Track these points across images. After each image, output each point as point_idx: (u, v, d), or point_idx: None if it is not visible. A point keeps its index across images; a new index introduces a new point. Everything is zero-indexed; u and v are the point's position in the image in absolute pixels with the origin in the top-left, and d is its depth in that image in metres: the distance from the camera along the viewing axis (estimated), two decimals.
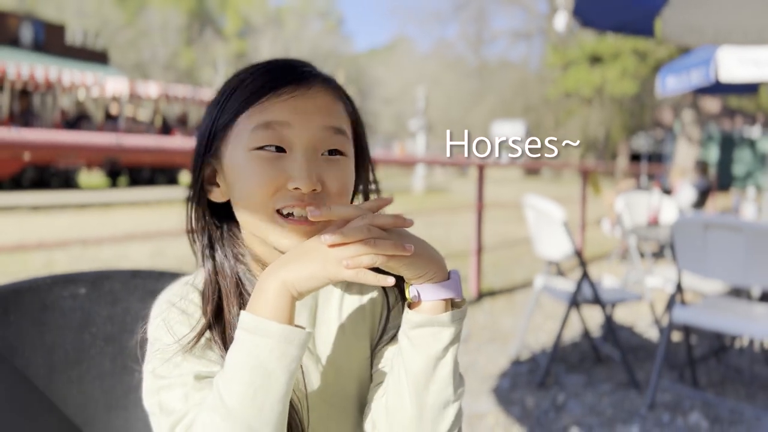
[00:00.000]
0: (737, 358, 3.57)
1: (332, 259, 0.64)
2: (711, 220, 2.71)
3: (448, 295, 0.69)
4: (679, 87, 5.57)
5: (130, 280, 1.10)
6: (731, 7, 3.84)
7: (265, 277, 0.68)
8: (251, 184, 0.73)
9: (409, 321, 0.69)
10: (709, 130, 24.85)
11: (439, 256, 0.70)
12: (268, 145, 0.73)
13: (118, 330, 1.06)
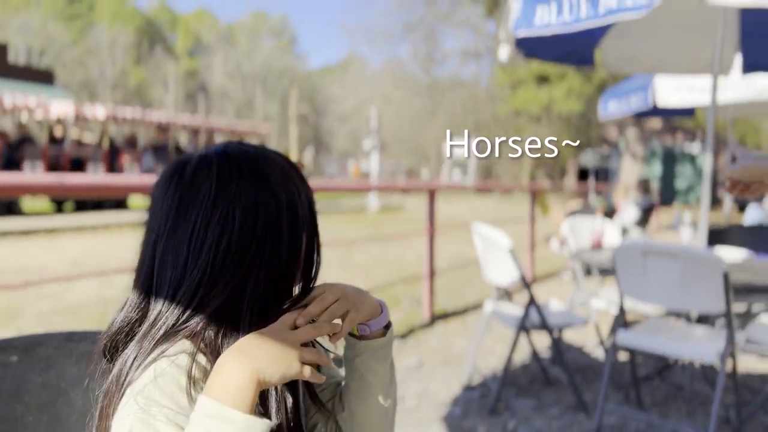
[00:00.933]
0: (679, 376, 3.69)
1: (297, 358, 0.72)
2: (649, 247, 2.82)
3: (384, 322, 0.91)
4: (620, 111, 5.78)
5: (65, 344, 1.09)
6: (664, 39, 4.02)
7: (232, 363, 0.68)
8: None
9: (370, 346, 0.90)
10: (652, 146, 25.75)
11: (373, 300, 0.89)
12: None
13: (53, 397, 1.04)
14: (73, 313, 4.92)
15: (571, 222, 3.90)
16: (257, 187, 0.80)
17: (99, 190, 2.27)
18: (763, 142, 43.34)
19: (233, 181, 0.79)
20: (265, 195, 0.80)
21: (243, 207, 0.78)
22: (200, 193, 0.79)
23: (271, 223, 0.80)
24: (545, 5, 2.85)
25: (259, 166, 0.82)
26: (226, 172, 0.80)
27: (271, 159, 0.84)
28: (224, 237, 0.77)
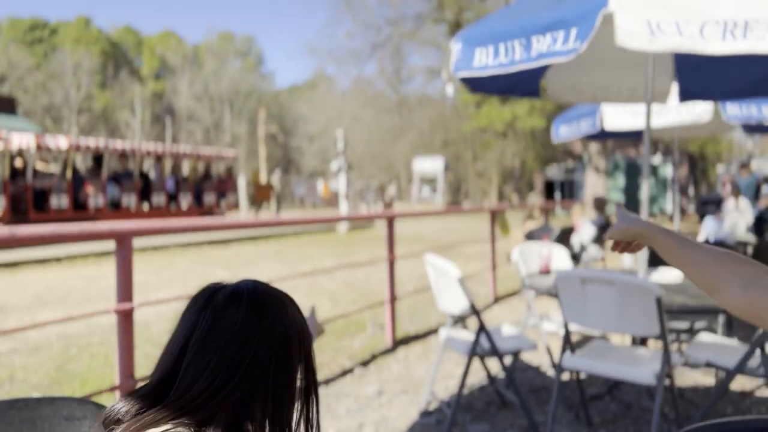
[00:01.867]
0: (628, 393, 3.84)
1: None
2: (587, 275, 2.97)
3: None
4: (570, 134, 6.00)
5: (6, 412, 1.16)
6: (606, 70, 4.22)
7: None
8: None
9: None
10: (615, 159, 26.36)
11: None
12: None
13: None
14: (33, 352, 4.90)
15: (521, 248, 4.05)
16: (276, 325, 0.97)
17: (52, 239, 2.33)
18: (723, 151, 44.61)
19: (258, 318, 0.96)
20: (280, 331, 0.96)
21: (262, 339, 0.95)
22: (230, 322, 0.94)
23: (281, 353, 0.96)
24: (483, 48, 3.01)
25: (278, 306, 0.99)
26: (252, 310, 0.96)
27: (288, 301, 1.02)
28: (245, 360, 0.93)
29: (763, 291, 0.94)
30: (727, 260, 1.03)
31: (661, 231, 1.18)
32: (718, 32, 2.48)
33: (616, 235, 1.28)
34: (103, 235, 2.62)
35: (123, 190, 14.49)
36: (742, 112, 5.14)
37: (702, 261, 1.05)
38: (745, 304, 0.95)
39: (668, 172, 26.58)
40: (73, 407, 1.22)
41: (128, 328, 2.76)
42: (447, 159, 30.98)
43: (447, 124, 34.13)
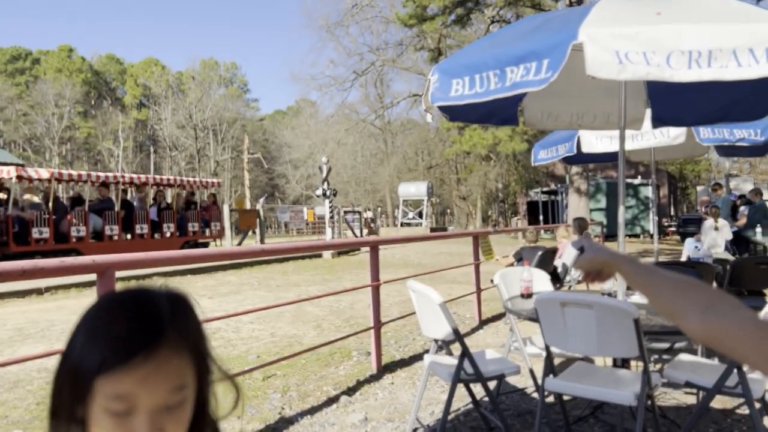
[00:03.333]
0: (612, 415, 3.87)
1: None
2: (566, 298, 3.02)
3: None
4: (549, 158, 6.11)
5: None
6: (580, 98, 4.33)
7: None
8: None
9: None
10: (596, 181, 26.67)
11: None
12: (118, 411, 0.81)
13: None
14: (13, 387, 4.84)
15: (502, 272, 4.10)
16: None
17: (33, 273, 2.32)
18: (702, 170, 45.29)
19: None
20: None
21: None
22: None
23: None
24: (459, 79, 3.09)
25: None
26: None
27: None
28: None
29: (720, 317, 0.98)
30: (688, 288, 1.07)
31: (626, 260, 1.23)
32: (684, 61, 2.58)
33: (585, 265, 1.33)
34: (84, 268, 2.63)
35: (106, 220, 14.40)
36: (714, 135, 5.28)
37: (664, 289, 1.10)
38: (703, 330, 1.00)
39: (649, 193, 26.92)
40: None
41: None
42: (431, 183, 31.19)
43: (430, 148, 34.45)
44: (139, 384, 0.81)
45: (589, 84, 4.11)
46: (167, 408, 0.83)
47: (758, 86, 3.41)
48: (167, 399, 0.83)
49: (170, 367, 0.84)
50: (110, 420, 0.81)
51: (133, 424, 0.81)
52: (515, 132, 21.16)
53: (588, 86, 4.10)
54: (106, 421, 0.81)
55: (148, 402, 0.82)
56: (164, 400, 0.83)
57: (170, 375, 0.83)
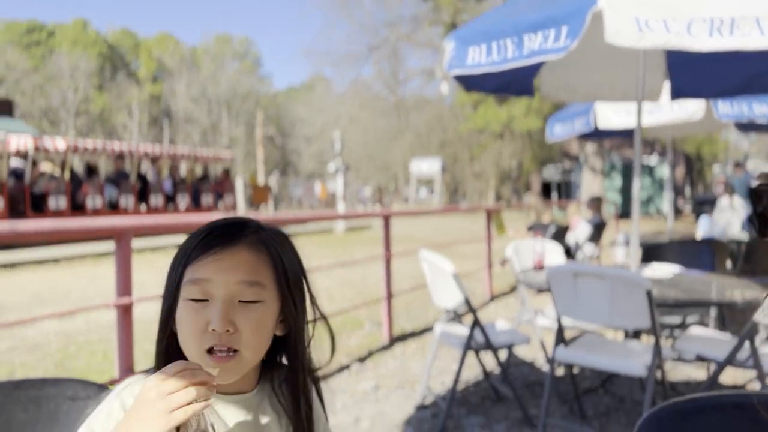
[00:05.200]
0: (621, 387, 3.90)
1: (164, 415, 0.78)
2: (579, 269, 3.02)
3: None
4: (565, 133, 6.06)
5: (13, 392, 1.21)
6: (598, 69, 4.27)
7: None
8: (185, 328, 0.92)
9: None
10: (611, 160, 26.44)
11: None
12: (196, 298, 0.91)
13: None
14: (32, 350, 4.94)
15: (515, 244, 4.10)
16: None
17: (52, 235, 2.36)
18: (719, 152, 44.73)
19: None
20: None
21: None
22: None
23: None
24: (476, 47, 3.06)
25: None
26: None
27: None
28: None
29: None
30: None
31: None
32: (705, 29, 2.53)
33: None
34: (103, 231, 2.67)
35: (120, 191, 14.52)
36: (733, 110, 5.20)
37: None
38: None
39: (665, 173, 26.66)
40: (78, 388, 1.26)
41: (128, 322, 2.81)
42: (444, 160, 31.06)
43: (444, 125, 34.19)
44: (214, 271, 0.91)
45: (607, 54, 4.06)
46: (240, 301, 0.92)
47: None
48: (239, 291, 0.92)
49: (244, 261, 0.93)
50: (190, 308, 0.92)
51: (208, 311, 0.90)
52: (530, 109, 20.95)
53: (606, 57, 4.04)
54: (187, 309, 0.92)
55: (221, 291, 0.91)
56: (236, 291, 0.92)
57: (244, 268, 0.93)
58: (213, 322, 0.89)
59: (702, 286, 3.36)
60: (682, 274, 3.73)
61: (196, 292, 0.91)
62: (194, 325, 0.91)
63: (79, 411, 1.27)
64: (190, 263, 0.93)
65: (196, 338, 0.91)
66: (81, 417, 1.26)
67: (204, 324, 0.90)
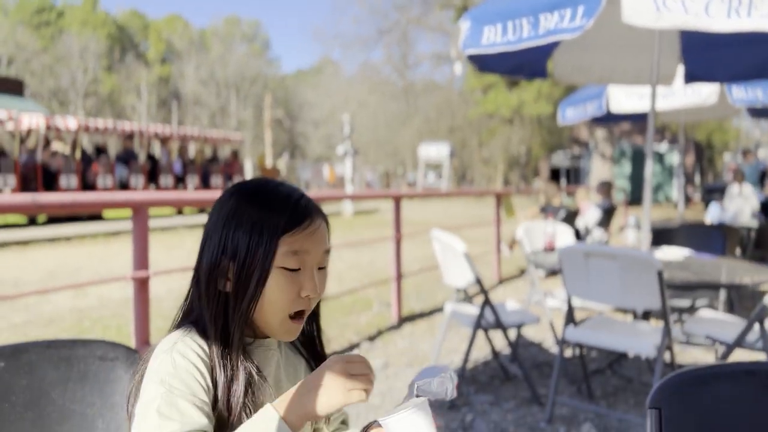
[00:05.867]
0: (629, 369, 3.93)
1: (344, 390, 0.87)
2: (590, 249, 3.04)
3: None
4: (577, 117, 6.04)
5: (46, 351, 1.25)
6: (612, 51, 4.26)
7: (302, 396, 0.88)
8: (278, 295, 0.99)
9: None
10: (621, 146, 26.30)
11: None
12: (293, 267, 0.99)
13: (37, 396, 1.21)
14: (47, 324, 5.02)
15: (526, 226, 4.12)
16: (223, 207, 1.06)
17: (72, 206, 2.41)
18: (730, 140, 44.37)
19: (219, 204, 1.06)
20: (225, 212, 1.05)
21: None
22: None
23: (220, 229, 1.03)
24: (491, 26, 3.06)
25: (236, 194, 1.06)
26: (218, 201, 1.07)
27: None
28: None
29: None
30: None
31: None
32: (723, 9, 2.52)
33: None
34: (120, 204, 2.71)
35: (131, 171, 14.59)
36: (747, 95, 5.17)
37: None
38: None
39: (674, 160, 26.52)
40: (107, 349, 1.30)
41: (144, 295, 2.86)
42: (453, 145, 30.97)
43: (453, 110, 34.04)
44: (309, 242, 1.00)
45: (621, 36, 4.05)
46: (320, 268, 1.03)
47: None
48: (322, 259, 1.03)
49: (325, 233, 1.04)
50: (286, 276, 0.99)
51: (302, 278, 1.00)
52: (540, 94, 20.85)
53: (620, 39, 4.03)
54: (282, 277, 0.98)
55: (312, 259, 1.00)
56: (321, 259, 1.03)
57: (325, 239, 1.04)
58: (309, 289, 0.99)
59: (712, 269, 3.38)
60: (693, 257, 3.75)
61: (294, 262, 0.98)
62: (289, 293, 0.99)
63: (108, 371, 1.31)
64: (283, 235, 0.98)
65: (287, 304, 0.99)
66: (110, 376, 1.30)
67: (297, 291, 0.99)
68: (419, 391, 0.91)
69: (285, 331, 1.02)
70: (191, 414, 0.90)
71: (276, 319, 1.00)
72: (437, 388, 0.92)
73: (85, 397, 1.25)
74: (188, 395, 0.91)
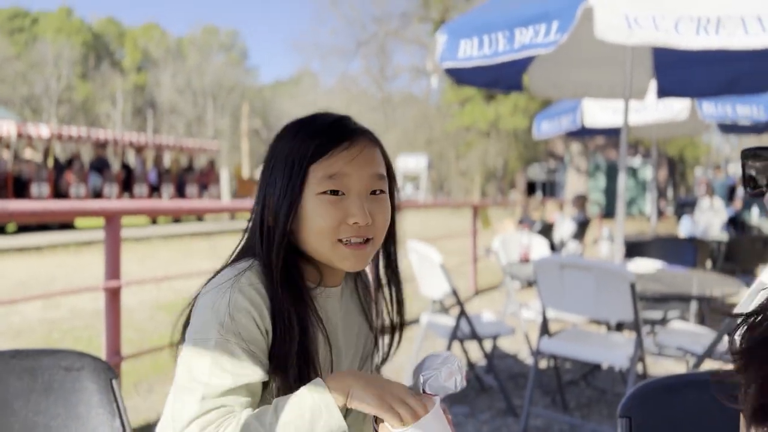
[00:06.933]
0: (602, 380, 3.96)
1: (385, 403, 0.85)
2: (565, 261, 3.07)
3: None
4: (552, 131, 6.13)
5: (10, 361, 1.22)
6: (586, 66, 4.33)
7: (360, 390, 0.87)
8: (320, 220, 0.95)
9: None
10: (596, 160, 26.67)
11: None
12: (333, 191, 0.95)
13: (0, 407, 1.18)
14: (16, 336, 4.90)
15: (501, 237, 4.15)
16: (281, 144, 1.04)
17: (43, 215, 2.36)
18: (702, 155, 45.27)
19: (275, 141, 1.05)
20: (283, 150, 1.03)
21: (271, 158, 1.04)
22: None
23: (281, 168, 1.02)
24: (468, 40, 3.09)
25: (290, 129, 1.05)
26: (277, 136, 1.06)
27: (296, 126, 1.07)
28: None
29: None
30: None
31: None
32: (692, 27, 2.58)
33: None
34: (92, 212, 2.67)
35: (105, 179, 14.40)
36: (717, 111, 5.29)
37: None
38: None
39: (648, 174, 26.96)
40: (73, 359, 1.28)
41: (116, 305, 2.81)
42: (430, 157, 31.11)
43: (431, 122, 34.22)
44: (348, 164, 0.96)
45: (595, 52, 4.12)
46: (372, 192, 0.99)
47: (764, 57, 3.42)
48: (372, 184, 0.99)
49: (370, 154, 1.00)
50: (326, 204, 0.95)
51: (347, 204, 0.96)
52: (517, 108, 21.09)
53: (594, 54, 4.10)
54: (324, 207, 0.96)
55: (357, 183, 0.97)
56: (369, 183, 0.98)
57: (371, 161, 0.99)
58: (355, 216, 0.95)
59: (683, 281, 3.44)
60: (665, 269, 3.80)
61: (333, 186, 0.95)
62: (332, 218, 0.95)
63: (73, 381, 1.28)
64: (316, 159, 0.96)
65: (332, 231, 0.96)
66: (76, 386, 1.27)
67: (342, 216, 0.95)
68: (427, 387, 0.88)
69: (342, 257, 0.97)
70: (246, 366, 0.90)
71: (324, 246, 0.97)
72: (446, 381, 0.88)
73: (49, 409, 1.22)
74: (244, 342, 0.91)
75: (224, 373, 0.89)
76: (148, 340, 4.63)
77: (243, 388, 0.90)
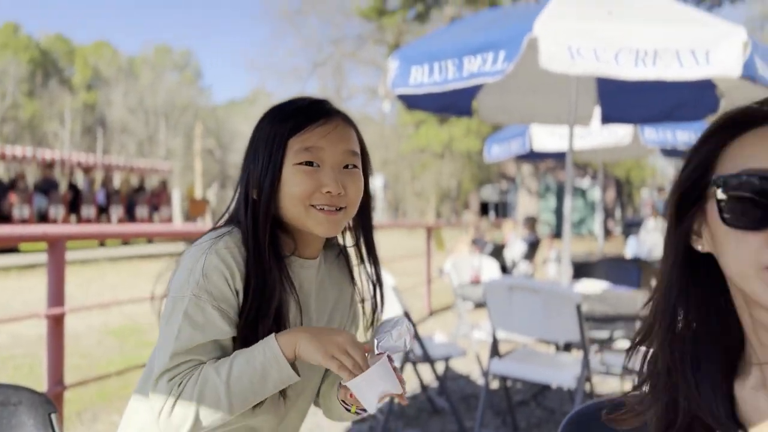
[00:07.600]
0: (552, 399, 4.03)
1: (328, 354, 0.97)
2: (514, 283, 3.13)
3: None
4: (502, 154, 6.26)
5: None
6: (533, 93, 4.46)
7: (306, 343, 0.99)
8: (296, 188, 1.06)
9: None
10: (546, 182, 27.29)
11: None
12: (308, 162, 1.06)
13: None
14: None
15: (453, 259, 4.21)
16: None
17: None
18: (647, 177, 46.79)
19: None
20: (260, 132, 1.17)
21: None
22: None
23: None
24: (419, 66, 3.16)
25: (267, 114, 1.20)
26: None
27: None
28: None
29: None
30: None
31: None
32: (631, 59, 2.71)
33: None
34: (35, 237, 2.60)
35: (50, 201, 13.96)
36: (658, 137, 5.51)
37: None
38: None
39: (596, 196, 27.70)
40: (8, 393, 1.24)
41: (58, 333, 2.73)
42: (386, 178, 31.34)
43: (386, 143, 34.48)
44: (322, 138, 1.07)
45: (541, 80, 4.24)
46: (346, 166, 1.09)
47: (700, 87, 3.60)
48: (345, 159, 1.09)
49: (345, 131, 1.11)
50: (302, 174, 1.06)
51: (321, 175, 1.07)
52: (469, 130, 21.47)
53: (541, 82, 4.22)
54: (299, 176, 1.06)
55: (330, 156, 1.07)
56: (342, 157, 1.09)
57: (345, 137, 1.10)
58: (328, 185, 1.06)
59: (628, 302, 3.54)
60: (610, 290, 3.92)
61: (308, 157, 1.06)
62: (306, 186, 1.05)
63: (9, 416, 1.25)
64: (294, 134, 1.07)
65: (306, 197, 1.06)
66: (12, 422, 1.24)
67: (315, 186, 1.06)
68: (380, 348, 1.00)
69: (316, 222, 1.07)
70: (215, 322, 1.00)
71: (297, 210, 1.07)
72: (396, 341, 1.00)
73: None
74: (215, 301, 1.00)
75: (195, 330, 0.99)
76: (96, 366, 4.49)
77: (212, 343, 1.01)
